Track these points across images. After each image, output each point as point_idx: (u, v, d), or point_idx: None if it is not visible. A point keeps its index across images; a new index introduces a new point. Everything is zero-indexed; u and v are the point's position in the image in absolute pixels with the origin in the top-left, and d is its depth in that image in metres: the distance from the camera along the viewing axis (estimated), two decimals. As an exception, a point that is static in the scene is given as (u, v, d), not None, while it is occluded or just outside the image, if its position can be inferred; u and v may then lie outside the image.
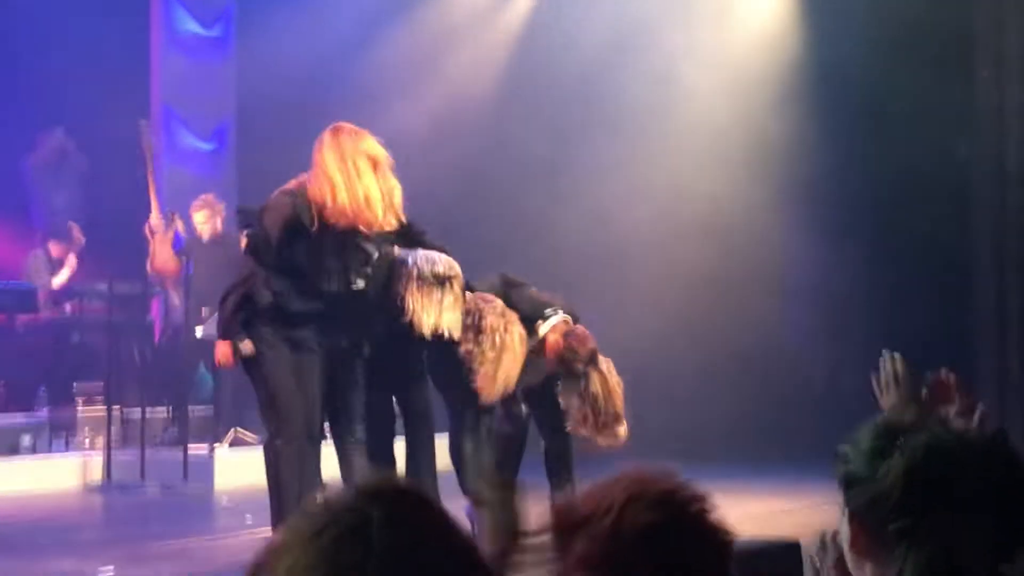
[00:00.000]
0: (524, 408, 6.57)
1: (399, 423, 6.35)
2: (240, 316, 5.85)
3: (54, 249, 10.34)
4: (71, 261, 10.29)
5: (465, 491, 6.07)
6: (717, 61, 10.64)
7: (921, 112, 9.88)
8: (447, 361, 6.15)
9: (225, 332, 5.92)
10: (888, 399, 2.51)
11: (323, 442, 6.02)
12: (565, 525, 1.62)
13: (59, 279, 10.27)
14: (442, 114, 10.86)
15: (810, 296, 10.18)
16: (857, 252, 10.13)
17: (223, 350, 5.93)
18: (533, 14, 11.67)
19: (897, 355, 2.56)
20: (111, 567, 5.95)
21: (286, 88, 9.88)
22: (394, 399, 6.28)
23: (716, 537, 1.64)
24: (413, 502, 1.31)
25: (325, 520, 1.27)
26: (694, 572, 1.61)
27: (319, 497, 1.31)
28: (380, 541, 1.26)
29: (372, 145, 5.80)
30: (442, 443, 6.38)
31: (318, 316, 5.87)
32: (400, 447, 6.32)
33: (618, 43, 10.72)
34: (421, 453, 6.21)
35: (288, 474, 5.77)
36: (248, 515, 7.15)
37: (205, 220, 10.03)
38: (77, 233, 10.47)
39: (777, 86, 10.53)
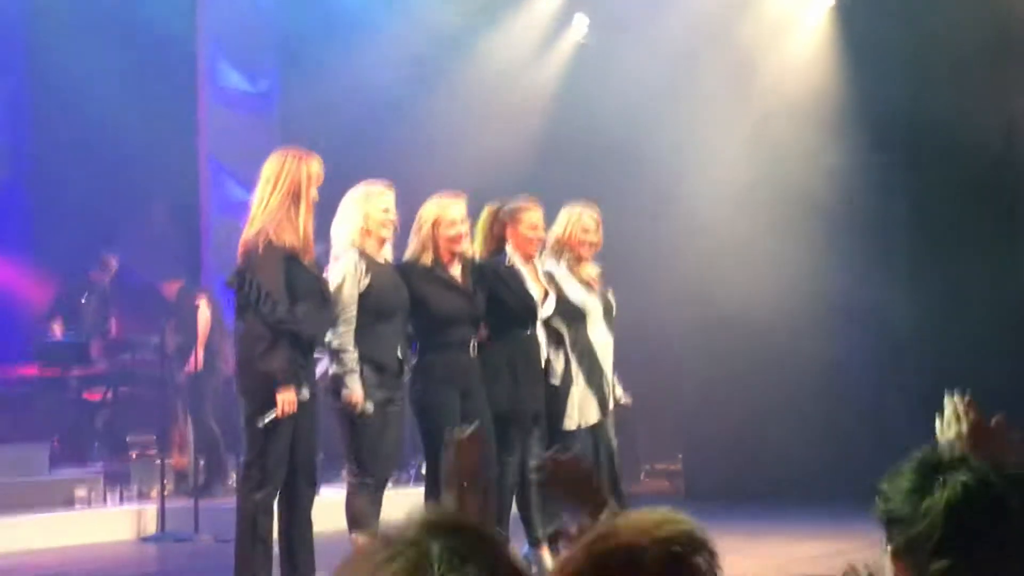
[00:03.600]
0: None
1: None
2: None
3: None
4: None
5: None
6: (743, 117, 10.64)
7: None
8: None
9: None
10: (946, 436, 2.48)
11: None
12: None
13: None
14: (479, 168, 10.94)
15: (862, 331, 10.12)
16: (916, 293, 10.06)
17: None
18: (569, 68, 11.76)
19: (966, 395, 2.52)
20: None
21: (328, 141, 9.97)
22: None
23: None
24: (472, 536, 1.32)
25: (387, 555, 1.29)
26: None
27: (378, 532, 1.32)
28: (442, 574, 1.27)
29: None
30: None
31: None
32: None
33: (644, 103, 10.76)
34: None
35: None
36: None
37: None
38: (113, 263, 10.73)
39: (808, 134, 10.52)
